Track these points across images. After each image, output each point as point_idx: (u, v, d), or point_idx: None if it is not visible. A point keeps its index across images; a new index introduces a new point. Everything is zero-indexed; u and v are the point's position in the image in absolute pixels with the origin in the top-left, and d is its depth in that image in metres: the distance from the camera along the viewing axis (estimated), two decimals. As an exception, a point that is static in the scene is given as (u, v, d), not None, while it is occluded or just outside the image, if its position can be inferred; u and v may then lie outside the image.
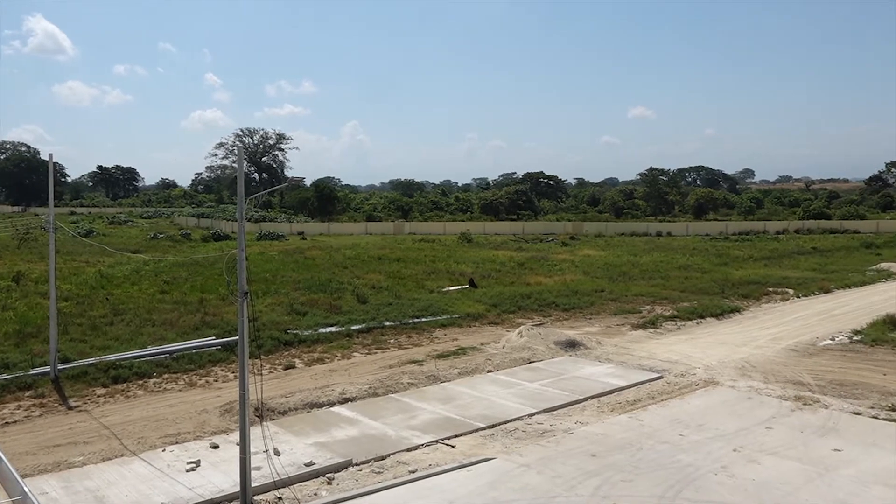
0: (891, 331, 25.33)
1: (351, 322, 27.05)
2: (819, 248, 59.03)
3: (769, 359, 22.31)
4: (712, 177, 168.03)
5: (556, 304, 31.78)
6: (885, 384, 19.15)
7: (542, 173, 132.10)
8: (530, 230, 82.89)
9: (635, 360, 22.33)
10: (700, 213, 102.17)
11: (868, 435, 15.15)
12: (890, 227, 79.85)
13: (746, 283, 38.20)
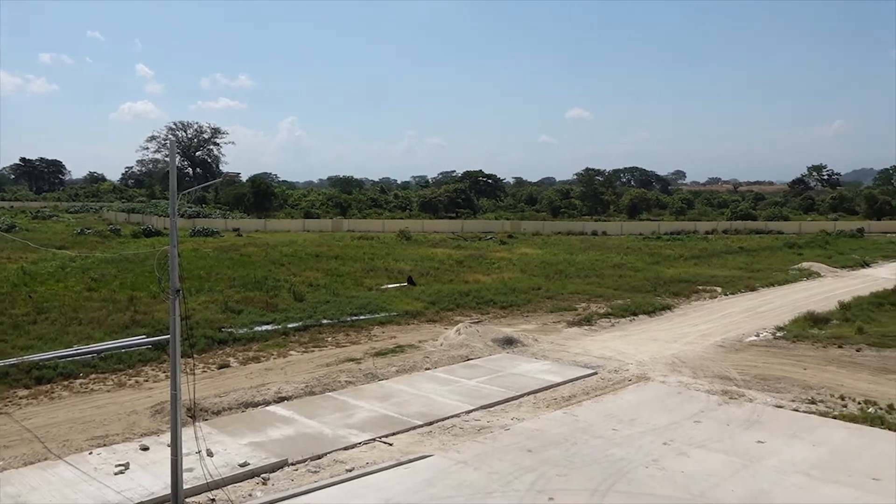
0: (811, 327, 26.50)
1: (288, 320, 26.68)
2: (745, 248, 61.19)
3: (698, 355, 23.03)
4: (646, 178, 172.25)
5: (494, 302, 32.06)
6: (806, 378, 20.02)
7: (480, 172, 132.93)
8: (469, 228, 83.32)
9: (571, 356, 22.72)
10: (634, 212, 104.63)
11: (789, 427, 15.82)
12: (811, 228, 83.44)
13: (677, 281, 39.32)
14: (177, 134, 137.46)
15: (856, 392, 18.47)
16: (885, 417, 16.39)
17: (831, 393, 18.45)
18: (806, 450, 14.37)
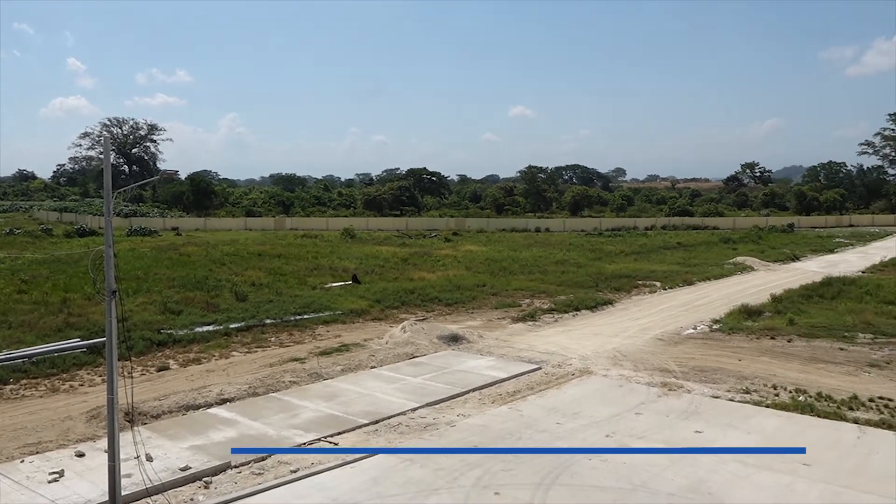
0: (745, 319, 27.41)
1: (229, 320, 26.20)
2: (683, 244, 62.83)
3: (638, 348, 23.57)
4: (587, 175, 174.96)
5: (439, 299, 32.14)
6: (740, 369, 20.70)
7: (425, 169, 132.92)
8: (414, 226, 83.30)
9: (515, 352, 22.96)
10: (576, 209, 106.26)
11: (725, 416, 16.34)
12: (745, 224, 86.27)
13: (618, 276, 40.12)
14: (112, 130, 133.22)
15: (787, 381, 19.19)
16: (814, 405, 17.08)
17: (764, 383, 19.12)
18: (741, 438, 14.87)
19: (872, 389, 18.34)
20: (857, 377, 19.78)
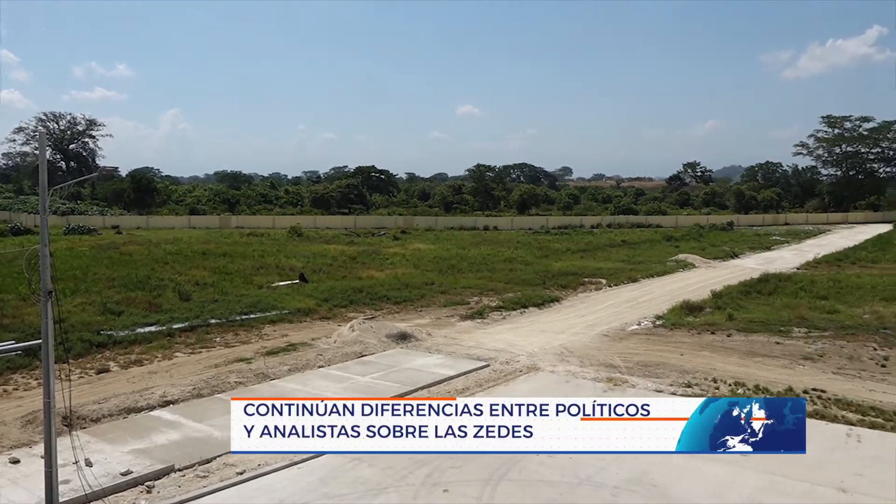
0: (687, 315, 28.12)
1: (173, 321, 25.62)
2: (628, 241, 64.09)
3: (585, 344, 23.95)
4: (534, 174, 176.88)
5: (388, 298, 32.06)
6: (683, 363, 21.23)
7: (373, 167, 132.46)
8: (362, 224, 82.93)
9: (464, 349, 23.07)
10: (523, 208, 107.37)
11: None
12: (687, 222, 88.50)
13: (565, 274, 40.68)
14: (48, 125, 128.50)
15: (727, 375, 19.77)
16: (752, 397, 17.63)
17: (705, 376, 19.65)
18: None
19: (806, 381, 19.04)
20: (793, 370, 20.50)
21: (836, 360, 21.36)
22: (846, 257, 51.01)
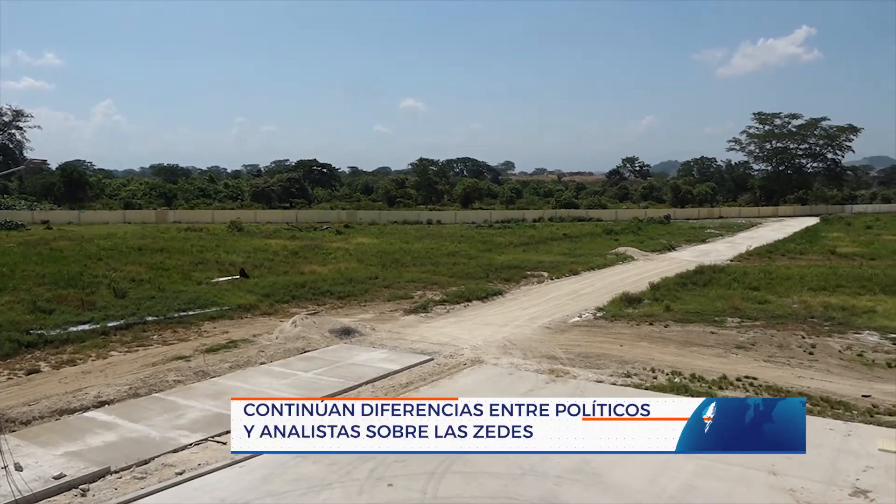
0: (626, 307, 28.74)
1: (107, 319, 24.85)
2: (569, 235, 65.06)
3: (527, 336, 24.24)
4: (477, 168, 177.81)
5: (331, 293, 31.79)
6: (622, 354, 21.70)
7: (315, 161, 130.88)
8: (304, 218, 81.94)
9: (408, 344, 23.07)
10: (467, 202, 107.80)
11: (608, 400, 17.08)
12: (626, 216, 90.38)
13: (508, 267, 41.05)
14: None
15: (664, 364, 20.29)
16: (688, 386, 18.16)
17: (644, 366, 20.13)
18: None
19: (739, 369, 19.70)
20: (727, 358, 21.19)
21: (767, 349, 22.17)
22: (776, 249, 52.96)
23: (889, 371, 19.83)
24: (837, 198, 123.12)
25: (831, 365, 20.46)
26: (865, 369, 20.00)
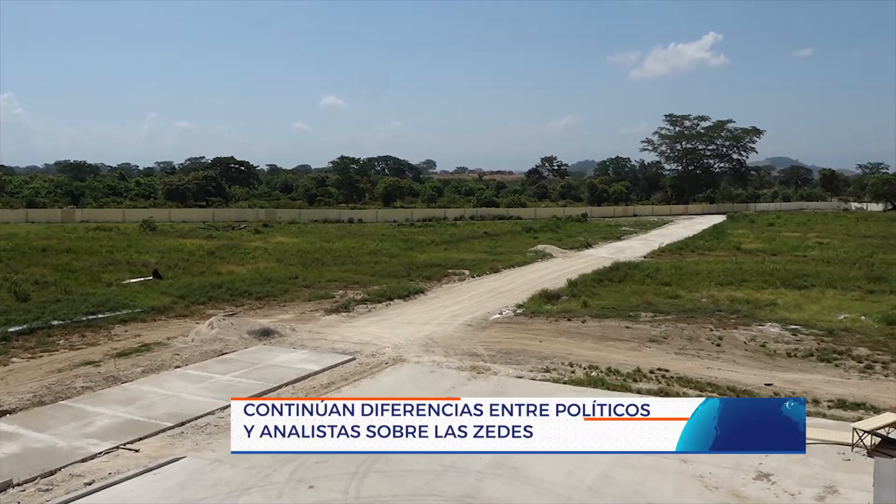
0: (545, 303, 29.34)
1: (8, 323, 23.53)
2: (490, 233, 65.78)
3: (449, 334, 24.39)
4: (399, 166, 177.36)
5: (250, 293, 31.13)
6: (541, 349, 22.14)
7: (232, 158, 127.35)
8: (221, 217, 79.86)
9: (329, 344, 22.84)
10: (388, 200, 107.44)
11: (528, 394, 17.39)
12: (545, 214, 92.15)
13: (430, 265, 41.18)
14: None
15: (582, 359, 20.82)
16: (605, 379, 18.71)
17: (562, 361, 20.60)
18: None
19: (652, 362, 20.43)
20: (640, 352, 21.93)
21: (678, 342, 23.08)
22: (686, 246, 55.16)
23: (789, 360, 21.00)
24: (742, 196, 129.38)
25: (737, 356, 21.49)
26: (768, 359, 21.11)
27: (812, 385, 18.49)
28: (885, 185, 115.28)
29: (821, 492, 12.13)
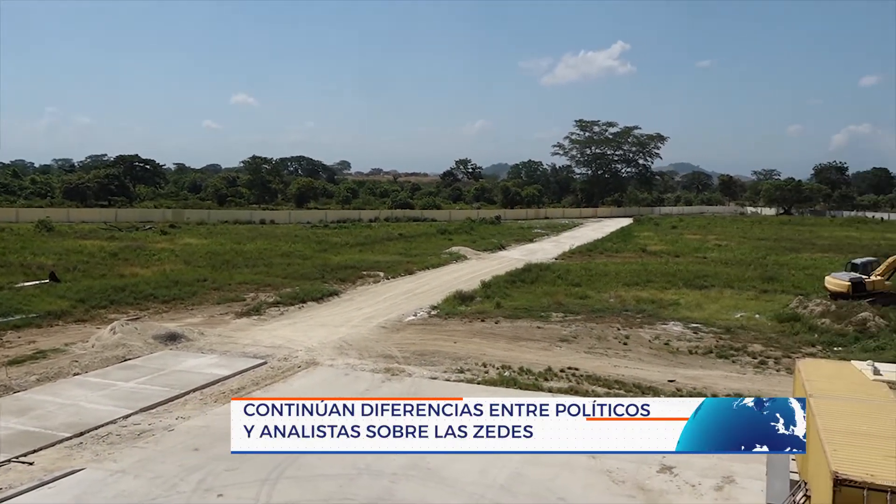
0: (460, 304, 29.60)
1: None
2: (404, 235, 65.78)
3: (364, 336, 24.25)
4: (313, 167, 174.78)
5: (155, 296, 29.98)
6: (456, 350, 22.31)
7: (137, 157, 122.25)
8: (125, 218, 76.53)
9: (240, 348, 22.29)
10: (302, 201, 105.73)
11: (442, 395, 17.49)
12: (459, 216, 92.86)
13: (344, 267, 40.79)
14: None
15: (495, 359, 21.12)
16: (517, 379, 19.05)
17: (476, 361, 20.83)
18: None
19: (563, 361, 20.94)
20: (551, 351, 22.44)
21: (587, 341, 23.75)
22: (595, 248, 56.86)
23: (690, 357, 21.97)
24: (648, 200, 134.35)
25: (643, 354, 22.31)
26: (671, 356, 22.02)
27: (712, 381, 19.42)
28: (778, 190, 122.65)
29: (719, 482, 12.75)
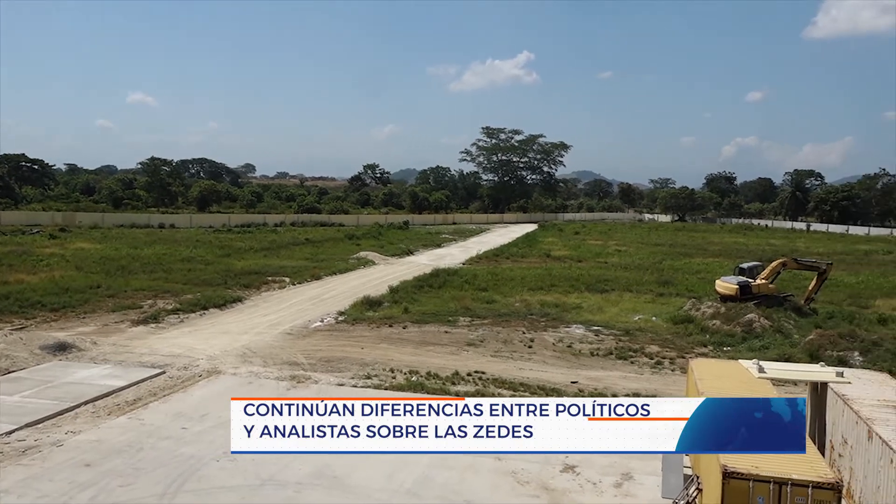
0: (367, 310, 29.43)
1: None
2: (311, 240, 64.84)
3: (268, 343, 23.72)
4: (216, 170, 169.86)
5: (43, 304, 28.28)
6: (363, 356, 22.17)
7: (23, 156, 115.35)
8: (9, 220, 71.90)
9: (136, 357, 21.36)
10: (204, 205, 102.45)
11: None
12: (367, 221, 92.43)
13: (248, 273, 39.80)
14: None
15: (403, 364, 21.13)
16: (424, 383, 19.12)
17: (383, 367, 20.78)
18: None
19: (470, 365, 21.18)
20: (459, 355, 22.65)
21: (493, 344, 24.11)
22: (502, 253, 57.81)
23: (592, 359, 22.69)
24: (552, 207, 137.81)
25: (547, 356, 22.86)
26: (574, 358, 22.67)
27: (611, 381, 20.12)
28: (673, 198, 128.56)
29: (619, 479, 13.23)
